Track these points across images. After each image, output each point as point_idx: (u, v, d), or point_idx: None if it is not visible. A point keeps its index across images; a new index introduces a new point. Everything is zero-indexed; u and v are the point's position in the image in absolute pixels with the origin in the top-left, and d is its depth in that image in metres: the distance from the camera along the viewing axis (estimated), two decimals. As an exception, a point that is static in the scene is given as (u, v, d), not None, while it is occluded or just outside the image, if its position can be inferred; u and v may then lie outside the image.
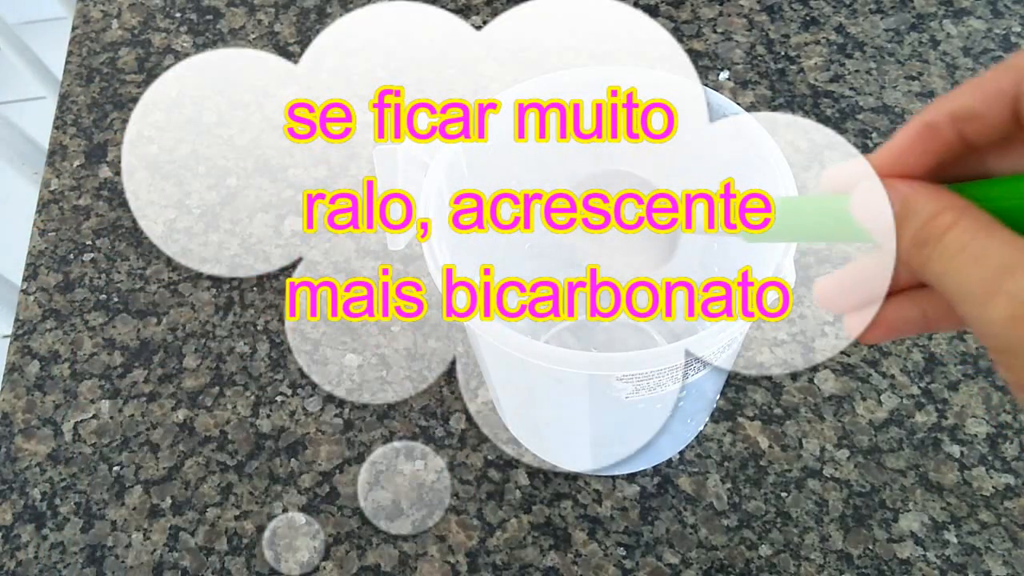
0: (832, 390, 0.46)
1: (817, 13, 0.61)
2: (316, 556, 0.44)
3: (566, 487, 0.45)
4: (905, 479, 0.44)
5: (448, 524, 0.44)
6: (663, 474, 0.45)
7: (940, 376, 0.46)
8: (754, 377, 0.47)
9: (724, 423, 0.46)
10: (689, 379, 0.35)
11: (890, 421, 0.45)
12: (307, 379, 0.49)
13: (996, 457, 0.44)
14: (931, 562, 0.41)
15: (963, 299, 0.19)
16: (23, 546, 0.45)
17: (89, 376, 0.50)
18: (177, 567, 0.44)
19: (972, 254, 0.19)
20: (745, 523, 0.43)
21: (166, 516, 0.45)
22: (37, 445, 0.48)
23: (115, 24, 0.65)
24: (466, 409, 0.47)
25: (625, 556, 0.43)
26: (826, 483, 0.44)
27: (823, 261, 0.50)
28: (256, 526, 0.45)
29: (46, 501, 0.46)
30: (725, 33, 0.60)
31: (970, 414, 0.45)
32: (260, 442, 0.47)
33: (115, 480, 0.47)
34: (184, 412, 0.48)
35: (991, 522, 0.42)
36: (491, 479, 0.45)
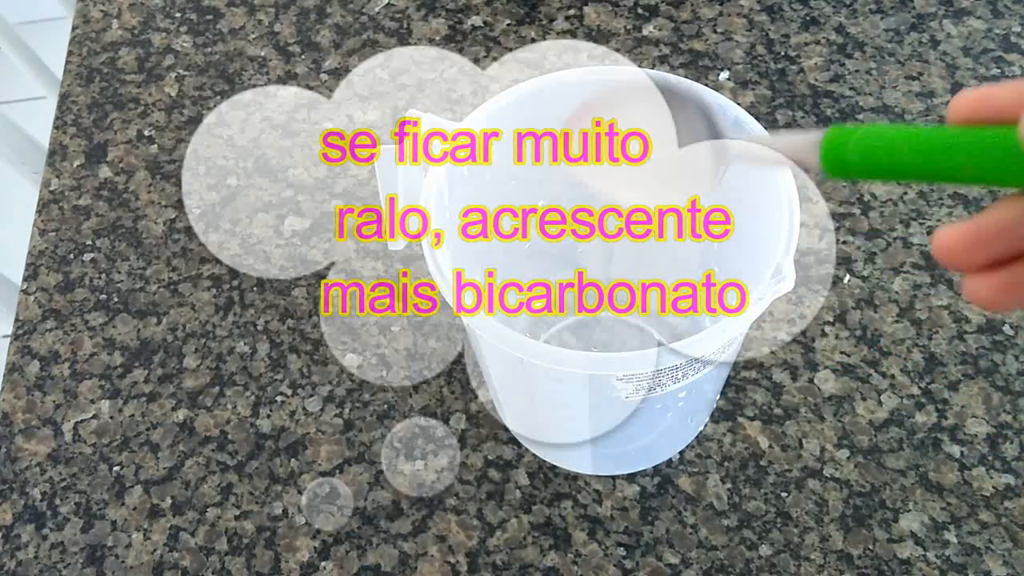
0: (832, 390, 0.46)
1: (817, 13, 0.61)
2: (316, 556, 0.44)
3: (566, 487, 0.45)
4: (905, 479, 0.44)
5: (448, 524, 0.44)
6: (663, 474, 0.45)
7: (940, 376, 0.46)
8: (754, 377, 0.47)
9: (724, 423, 0.46)
10: (689, 379, 0.35)
11: (890, 421, 0.45)
12: (307, 379, 0.49)
13: (996, 457, 0.44)
14: (931, 562, 0.41)
15: None
16: (23, 546, 0.45)
17: (89, 376, 0.50)
18: (177, 567, 0.44)
19: None
20: (745, 523, 0.43)
21: (166, 516, 0.45)
22: (37, 445, 0.48)
23: (115, 24, 0.65)
24: (467, 409, 0.47)
25: (625, 556, 0.43)
26: (826, 483, 0.44)
27: (823, 261, 0.50)
28: (256, 526, 0.45)
29: (46, 501, 0.46)
30: (725, 33, 0.60)
31: (970, 414, 0.45)
32: (260, 442, 0.47)
33: (115, 480, 0.47)
34: (184, 412, 0.48)
35: (991, 522, 0.42)
36: (491, 479, 0.45)
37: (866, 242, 0.51)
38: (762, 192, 0.35)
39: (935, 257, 0.21)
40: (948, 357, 0.47)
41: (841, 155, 0.21)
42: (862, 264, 0.50)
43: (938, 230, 0.21)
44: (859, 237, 0.51)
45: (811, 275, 0.50)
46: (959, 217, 0.51)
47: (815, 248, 0.51)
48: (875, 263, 0.50)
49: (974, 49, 0.58)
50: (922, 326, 0.48)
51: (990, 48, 0.58)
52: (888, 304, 0.49)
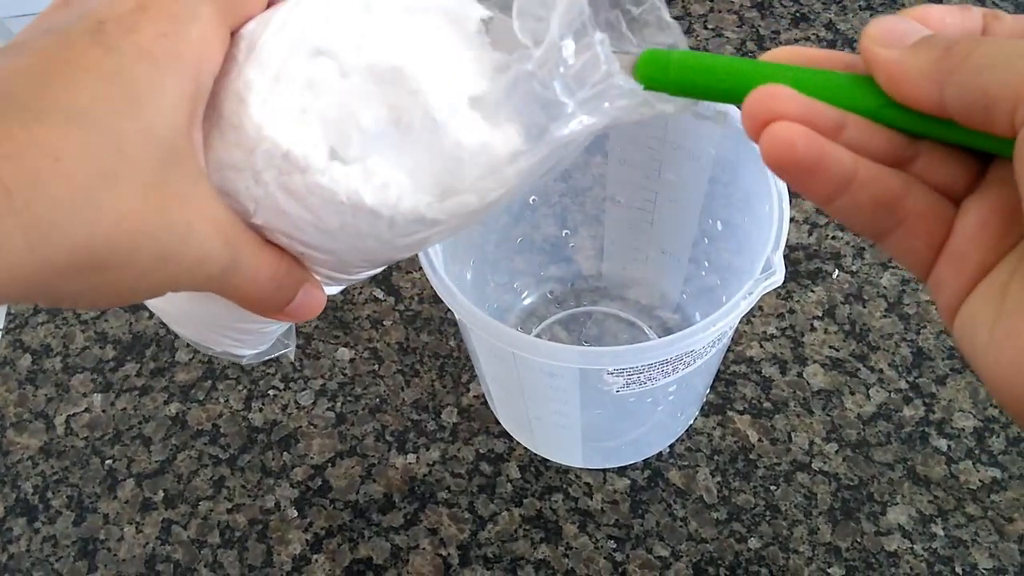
0: (821, 384, 0.47)
1: (807, 10, 0.61)
2: (308, 549, 0.44)
3: (557, 480, 0.45)
4: (893, 472, 0.44)
5: (440, 517, 0.44)
6: (653, 467, 0.45)
7: (928, 371, 0.47)
8: (744, 371, 0.47)
9: (714, 417, 0.46)
10: (679, 373, 0.35)
11: (878, 415, 0.46)
12: (299, 373, 0.49)
13: (983, 451, 0.44)
14: (918, 555, 0.42)
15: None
16: (15, 539, 0.45)
17: (81, 370, 0.50)
18: (169, 560, 0.44)
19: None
20: (735, 516, 0.43)
21: (158, 509, 0.45)
22: (29, 439, 0.48)
23: (106, 17, 0.65)
24: (458, 403, 0.47)
25: (615, 549, 0.43)
26: (815, 476, 0.44)
27: (812, 257, 0.50)
28: (248, 519, 0.45)
29: (38, 494, 0.46)
30: (715, 29, 0.60)
31: (957, 408, 0.45)
32: (252, 435, 0.47)
33: (107, 473, 0.47)
34: (176, 406, 0.48)
35: (978, 515, 0.43)
36: (483, 472, 0.45)
37: (855, 237, 0.51)
38: (751, 188, 0.36)
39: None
40: (936, 352, 0.47)
41: (661, 71, 0.22)
42: (851, 259, 0.50)
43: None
44: (848, 232, 0.51)
45: (800, 270, 0.50)
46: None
47: (804, 243, 0.51)
48: (864, 258, 0.50)
49: (963, 46, 0.58)
50: (910, 321, 0.48)
51: (979, 45, 0.58)
52: (877, 299, 0.49)
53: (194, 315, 0.28)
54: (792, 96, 0.19)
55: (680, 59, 0.22)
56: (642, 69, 0.23)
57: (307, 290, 0.25)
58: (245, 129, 0.22)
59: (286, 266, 0.24)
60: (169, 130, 0.20)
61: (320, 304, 0.26)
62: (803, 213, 0.52)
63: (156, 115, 0.20)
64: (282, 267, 0.24)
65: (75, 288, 0.20)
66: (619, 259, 0.49)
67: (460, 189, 0.23)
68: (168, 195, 0.20)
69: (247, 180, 0.22)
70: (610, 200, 0.45)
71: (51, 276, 0.19)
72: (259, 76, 0.22)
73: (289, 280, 0.24)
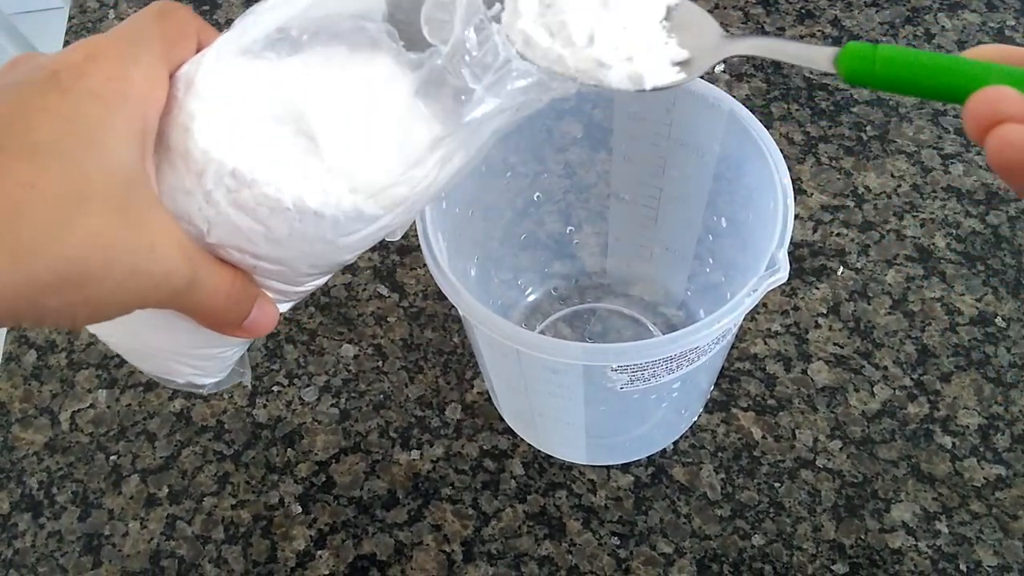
0: (825, 381, 0.47)
1: (813, 6, 0.61)
2: (312, 545, 0.44)
3: (561, 477, 0.45)
4: (897, 470, 0.44)
5: (444, 513, 0.44)
6: (657, 464, 0.45)
7: (932, 368, 0.47)
8: (748, 368, 0.47)
9: (718, 414, 0.46)
10: (683, 370, 0.35)
11: (883, 412, 0.46)
12: (303, 369, 0.49)
13: (987, 448, 0.44)
14: (922, 552, 0.42)
15: None
16: (20, 535, 0.45)
17: (86, 365, 0.50)
18: (174, 556, 0.44)
19: None
20: (738, 513, 0.43)
21: (163, 505, 0.46)
22: (34, 434, 0.48)
23: (112, 14, 0.65)
24: (462, 399, 0.48)
25: (619, 545, 0.43)
26: (819, 473, 0.44)
27: (817, 253, 0.50)
28: (253, 515, 0.45)
29: (43, 490, 0.46)
30: (721, 25, 0.60)
31: (962, 405, 0.45)
32: (257, 431, 0.47)
33: (112, 469, 0.47)
34: (181, 402, 0.49)
35: (982, 512, 0.43)
36: (486, 469, 0.46)
37: (860, 234, 0.51)
38: (756, 184, 0.36)
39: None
40: (940, 349, 0.47)
41: (868, 66, 0.23)
42: (855, 256, 0.50)
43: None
44: (853, 229, 0.51)
45: (805, 267, 0.50)
46: (952, 210, 0.51)
47: (809, 240, 0.51)
48: (868, 255, 0.50)
49: (968, 42, 0.58)
50: (915, 318, 0.48)
51: (984, 41, 0.58)
52: (881, 296, 0.49)
53: (159, 347, 0.30)
54: (1019, 99, 0.19)
55: (886, 54, 0.23)
56: (845, 62, 0.23)
57: (260, 304, 0.27)
58: (193, 155, 0.24)
59: (240, 282, 0.26)
60: (124, 162, 0.22)
61: (274, 319, 0.28)
62: (808, 210, 0.52)
63: (111, 149, 0.22)
64: (237, 282, 0.26)
65: (57, 303, 0.21)
66: (623, 256, 0.49)
67: (391, 182, 0.25)
68: (131, 218, 0.22)
69: (199, 201, 0.24)
70: (614, 197, 0.45)
71: (35, 292, 0.21)
72: (200, 107, 0.24)
73: (244, 295, 0.27)
